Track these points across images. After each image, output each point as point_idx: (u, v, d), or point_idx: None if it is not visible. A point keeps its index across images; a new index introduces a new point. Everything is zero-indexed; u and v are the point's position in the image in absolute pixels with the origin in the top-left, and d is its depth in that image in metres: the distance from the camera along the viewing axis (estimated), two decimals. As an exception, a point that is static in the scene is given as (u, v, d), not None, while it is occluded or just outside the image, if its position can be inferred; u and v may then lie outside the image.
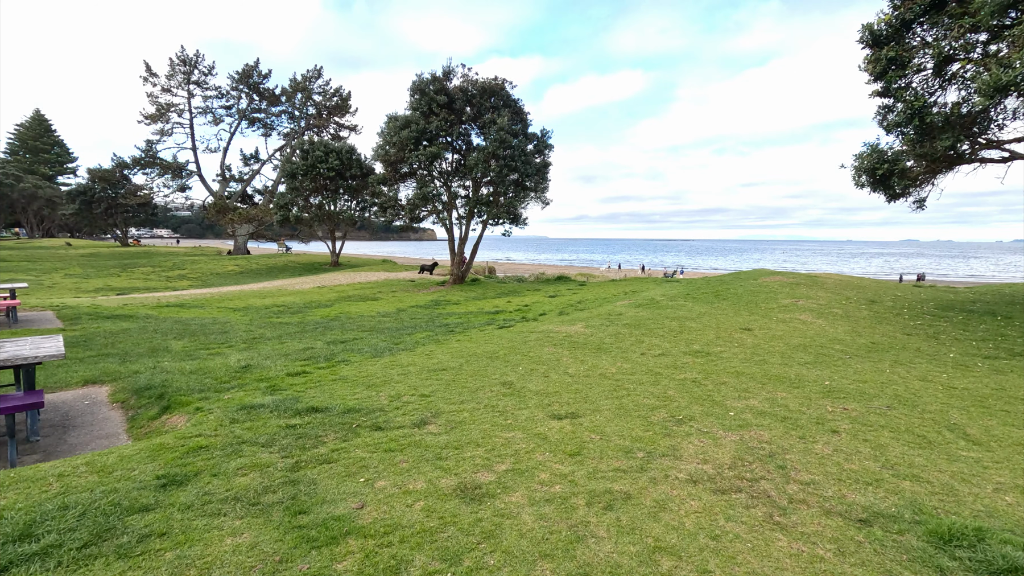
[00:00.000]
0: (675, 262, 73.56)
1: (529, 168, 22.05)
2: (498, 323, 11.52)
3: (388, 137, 20.88)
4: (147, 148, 45.01)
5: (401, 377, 6.26)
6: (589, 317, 10.40)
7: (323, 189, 34.42)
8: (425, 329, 11.27)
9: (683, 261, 76.86)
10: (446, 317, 13.70)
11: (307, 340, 10.21)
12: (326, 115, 51.05)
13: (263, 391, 5.77)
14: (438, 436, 4.27)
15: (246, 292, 20.58)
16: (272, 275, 31.99)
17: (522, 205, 23.26)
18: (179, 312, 14.43)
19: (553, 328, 9.36)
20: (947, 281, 40.22)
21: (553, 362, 6.86)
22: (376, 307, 16.54)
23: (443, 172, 22.79)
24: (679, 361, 6.87)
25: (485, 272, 31.02)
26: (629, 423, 4.54)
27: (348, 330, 11.57)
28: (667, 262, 73.54)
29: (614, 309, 11.29)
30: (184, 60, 44.58)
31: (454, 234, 23.55)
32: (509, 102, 22.06)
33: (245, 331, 11.43)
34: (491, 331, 10.15)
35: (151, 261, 33.53)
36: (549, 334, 8.78)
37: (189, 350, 9.30)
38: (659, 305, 11.30)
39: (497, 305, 16.63)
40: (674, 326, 9.09)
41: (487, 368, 6.62)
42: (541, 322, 10.75)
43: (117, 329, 11.14)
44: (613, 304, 12.71)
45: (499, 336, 9.15)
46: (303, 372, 6.82)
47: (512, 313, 13.98)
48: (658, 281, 24.36)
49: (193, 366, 7.41)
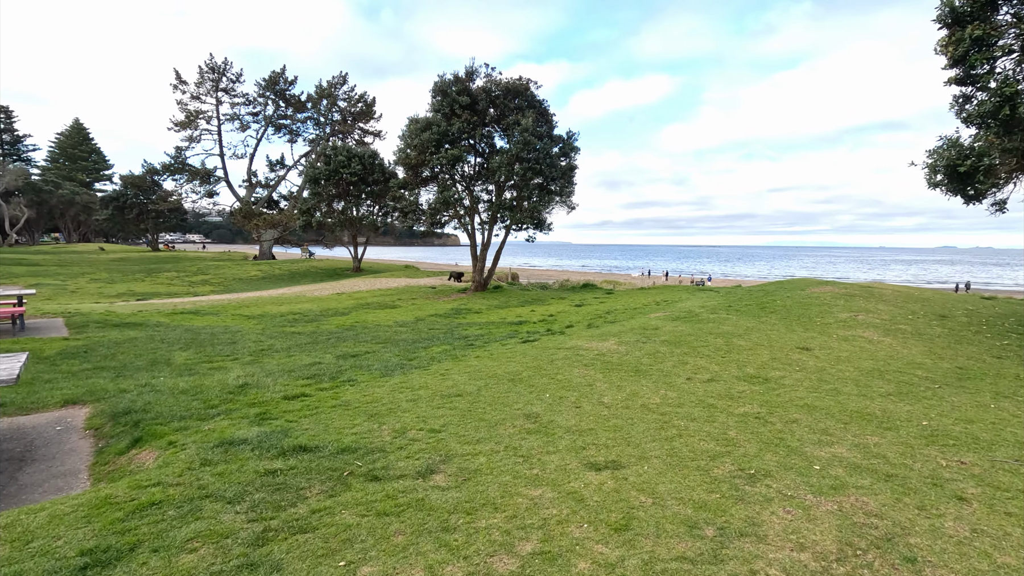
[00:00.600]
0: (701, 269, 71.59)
1: (554, 171, 21.18)
2: (521, 336, 10.65)
3: (409, 140, 20.29)
4: (176, 154, 45.77)
5: (410, 404, 5.44)
6: (622, 331, 9.44)
7: (346, 194, 34.21)
8: (443, 342, 10.47)
9: (709, 268, 74.77)
10: (466, 328, 12.89)
11: (316, 353, 9.52)
12: (351, 121, 51.23)
13: (251, 420, 5.01)
14: (446, 492, 3.41)
15: (264, 298, 20.19)
16: (294, 281, 31.81)
17: (547, 210, 22.37)
18: (192, 320, 13.98)
19: (582, 344, 8.43)
20: (993, 290, 37.65)
21: (585, 388, 5.94)
22: (394, 315, 15.86)
23: (465, 176, 22.10)
24: (733, 389, 5.87)
25: (508, 279, 30.21)
26: (687, 479, 3.60)
27: (361, 342, 10.86)
28: (693, 269, 71.62)
29: (649, 322, 10.30)
30: (213, 68, 45.26)
31: (476, 240, 22.81)
32: (534, 103, 21.26)
33: (255, 342, 10.83)
34: (514, 346, 9.28)
35: (176, 266, 33.79)
36: (578, 351, 7.86)
37: (191, 363, 8.70)
38: (699, 318, 10.25)
39: (520, 315, 15.76)
40: (720, 344, 8.06)
41: (509, 394, 5.74)
42: (568, 336, 9.83)
43: (123, 338, 10.65)
44: (646, 316, 11.70)
45: (522, 352, 8.27)
46: (302, 395, 6.06)
47: (536, 324, 13.09)
48: (690, 290, 23.15)
49: (188, 383, 6.75)
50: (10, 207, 56.98)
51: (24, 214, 58.34)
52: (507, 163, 19.85)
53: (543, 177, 21.19)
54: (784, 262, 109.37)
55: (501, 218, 22.90)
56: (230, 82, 46.61)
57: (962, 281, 44.67)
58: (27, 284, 23.64)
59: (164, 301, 19.67)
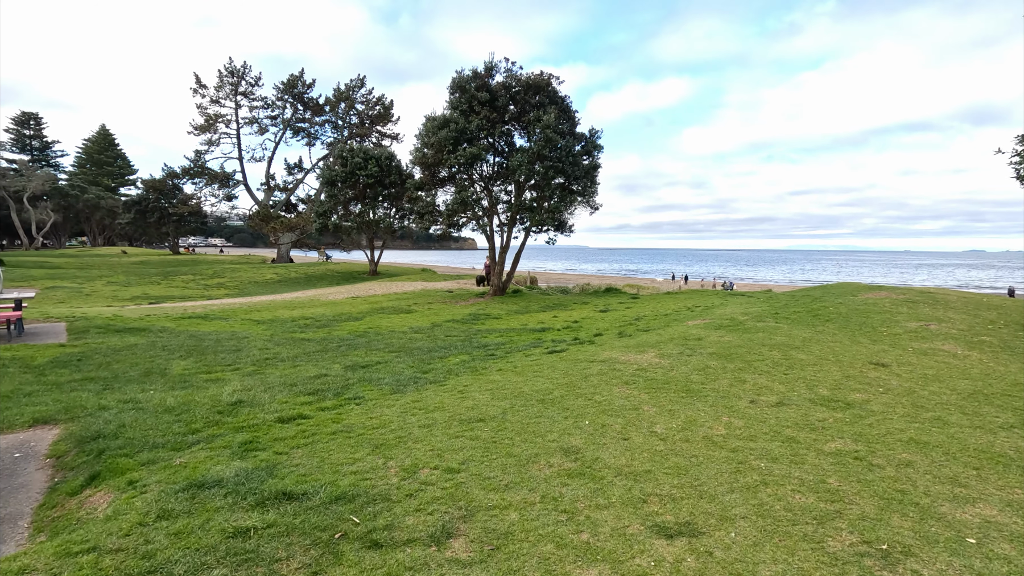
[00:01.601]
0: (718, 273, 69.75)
1: (577, 170, 20.26)
2: (546, 345, 9.73)
3: (425, 138, 19.58)
4: (196, 158, 46.00)
5: (423, 432, 4.57)
6: (660, 341, 8.46)
7: (362, 197, 33.73)
8: (460, 351, 9.62)
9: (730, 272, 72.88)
10: (485, 335, 12.03)
11: (324, 363, 8.74)
12: (368, 124, 51.00)
13: (233, 452, 4.19)
14: (469, 570, 2.52)
15: (277, 302, 19.63)
16: (310, 284, 31.39)
17: (568, 210, 21.44)
18: (200, 325, 13.38)
19: (618, 356, 7.49)
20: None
21: (630, 412, 5.00)
22: (409, 321, 15.08)
23: (483, 176, 21.30)
24: (811, 416, 4.87)
25: (527, 282, 29.33)
26: (795, 555, 2.65)
27: (373, 350, 10.07)
28: (711, 272, 69.80)
29: (688, 331, 9.30)
30: (232, 71, 45.42)
31: (495, 242, 21.98)
32: (555, 99, 20.39)
33: (260, 350, 10.11)
34: (539, 356, 8.38)
35: (193, 269, 33.66)
36: (614, 365, 6.92)
37: (188, 374, 7.98)
38: (744, 327, 9.21)
39: (542, 321, 14.84)
40: (778, 358, 7.04)
41: (540, 419, 4.84)
42: (600, 346, 8.88)
43: (122, 345, 10.03)
44: (683, 324, 10.69)
45: (550, 365, 7.36)
46: (300, 416, 5.24)
47: (561, 332, 12.16)
48: (720, 295, 21.96)
49: (177, 399, 6.00)
50: (37, 211, 58.08)
51: (51, 218, 59.44)
52: (527, 161, 18.98)
53: (565, 176, 20.28)
54: (807, 266, 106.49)
55: (520, 220, 22.04)
56: (249, 86, 46.74)
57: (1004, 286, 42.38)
58: (44, 287, 23.54)
59: (176, 305, 19.24)
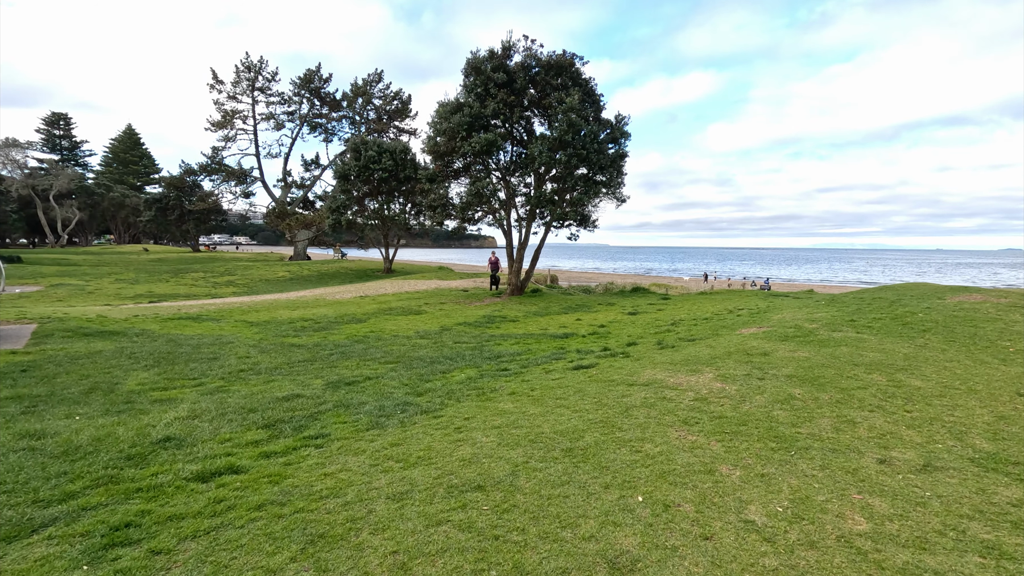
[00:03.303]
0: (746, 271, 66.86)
1: (602, 159, 18.54)
2: (570, 357, 8.12)
3: (438, 125, 18.10)
4: (213, 155, 45.53)
5: (390, 508, 3.02)
6: (714, 357, 6.77)
7: (376, 193, 32.52)
8: (468, 363, 8.08)
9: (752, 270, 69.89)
10: (499, 342, 10.47)
11: (305, 377, 7.31)
12: (386, 119, 49.93)
13: (89, 549, 2.70)
14: None
15: (280, 302, 18.42)
16: (322, 282, 30.31)
17: (593, 204, 19.74)
18: (187, 327, 12.15)
19: (664, 377, 5.84)
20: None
21: (702, 478, 3.37)
22: (416, 324, 13.63)
23: (500, 166, 19.74)
24: (993, 493, 3.17)
25: (547, 281, 27.70)
26: None
27: (368, 360, 8.61)
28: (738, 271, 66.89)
29: (746, 343, 7.57)
30: (248, 66, 44.78)
31: (512, 238, 20.41)
32: (579, 81, 18.69)
33: (239, 358, 8.75)
34: (562, 374, 6.78)
35: (206, 267, 32.94)
36: (662, 391, 5.29)
37: (140, 390, 6.62)
38: (818, 338, 7.45)
39: (564, 324, 13.22)
40: (884, 385, 5.30)
41: (568, 488, 3.25)
42: (637, 360, 7.23)
43: (85, 352, 8.78)
44: (734, 332, 8.95)
45: (577, 388, 5.76)
46: (230, 469, 3.76)
47: (587, 339, 10.52)
48: (758, 295, 19.98)
49: (94, 433, 4.61)
50: (63, 209, 58.74)
51: (76, 216, 60.07)
52: (548, 149, 17.35)
53: (588, 166, 18.59)
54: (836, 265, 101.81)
55: (540, 214, 20.42)
56: (266, 81, 46.06)
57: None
58: (50, 284, 22.88)
59: (177, 303, 18.20)
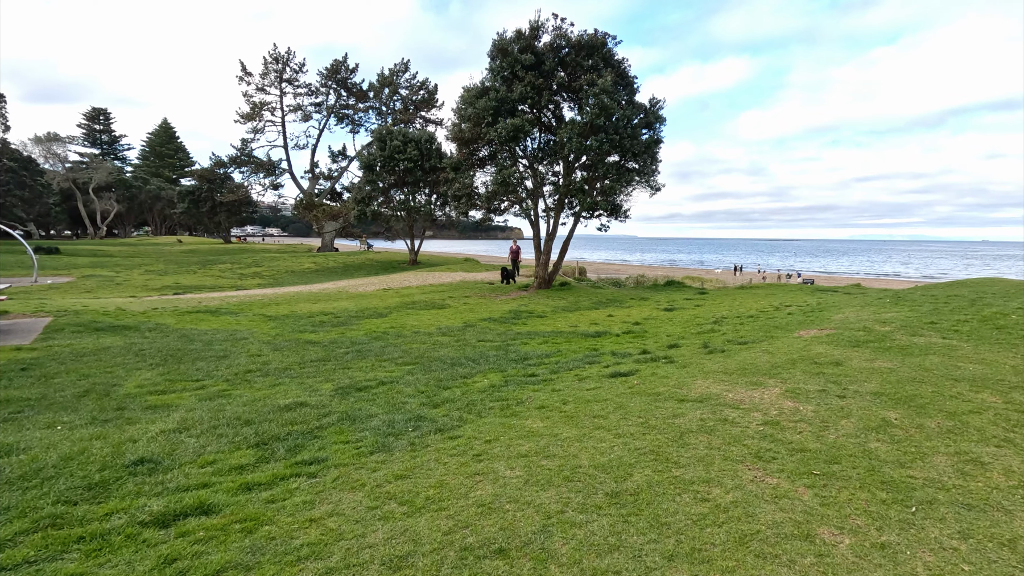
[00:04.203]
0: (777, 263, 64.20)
1: (636, 144, 17.47)
2: (605, 361, 7.30)
3: (462, 111, 17.33)
4: (242, 146, 45.94)
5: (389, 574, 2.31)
6: (776, 366, 5.84)
7: (402, 183, 32.05)
8: (492, 365, 7.35)
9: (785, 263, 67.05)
10: (526, 340, 9.71)
11: (314, 381, 6.71)
12: (412, 109, 49.47)
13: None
14: None
15: (303, 294, 18.08)
16: (347, 274, 30.11)
17: (625, 192, 18.71)
18: (203, 321, 11.80)
19: (720, 391, 4.98)
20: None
21: (800, 546, 2.53)
22: (440, 319, 12.99)
23: (528, 154, 18.86)
24: None
25: (575, 274, 26.77)
26: None
27: (384, 360, 7.98)
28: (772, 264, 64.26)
29: (809, 348, 6.60)
30: (276, 57, 44.87)
31: (540, 229, 19.56)
32: (612, 62, 17.62)
33: (250, 356, 8.25)
34: (598, 382, 5.98)
35: (234, 259, 33.17)
36: (721, 410, 4.43)
37: (137, 394, 6.13)
38: (895, 344, 6.42)
39: (595, 321, 12.36)
40: (1000, 407, 4.31)
41: (617, 556, 2.46)
42: (683, 367, 6.36)
43: (92, 349, 8.41)
44: (790, 334, 7.95)
45: (617, 402, 4.95)
46: (199, 509, 3.11)
47: (621, 338, 9.65)
48: (806, 290, 18.66)
49: (65, 450, 4.06)
50: (102, 202, 60.56)
51: (114, 208, 61.89)
52: (578, 134, 16.39)
53: (621, 152, 17.55)
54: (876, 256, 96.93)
55: (569, 203, 19.50)
56: (293, 72, 46.12)
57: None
58: (82, 275, 23.21)
59: (200, 296, 18.06)
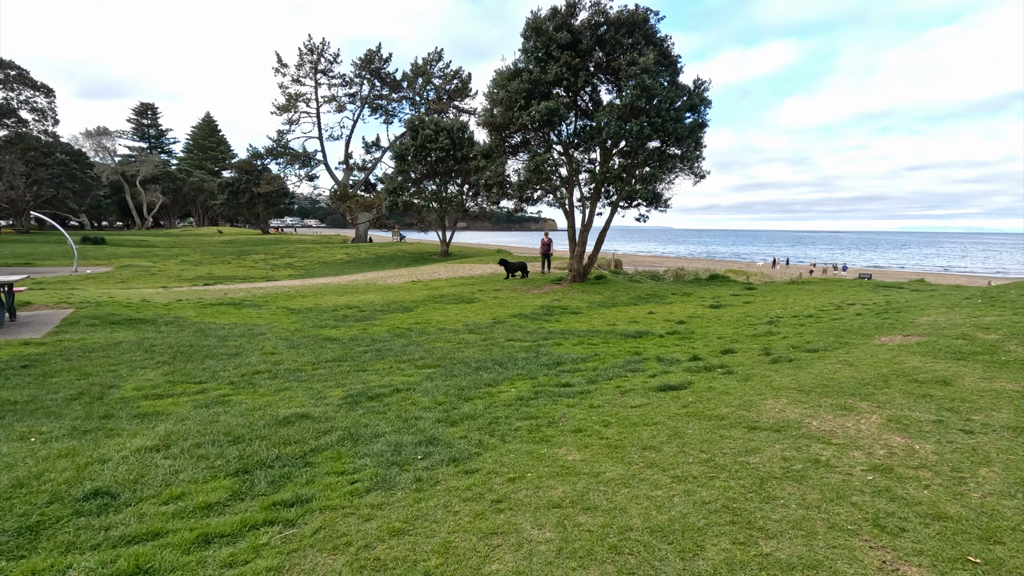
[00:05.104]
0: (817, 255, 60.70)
1: (679, 128, 16.22)
2: (650, 369, 6.37)
3: (494, 95, 16.46)
4: (278, 138, 46.43)
5: None
6: (863, 382, 4.80)
7: (433, 173, 31.49)
8: (520, 371, 6.54)
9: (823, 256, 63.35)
10: (559, 341, 8.85)
11: (323, 385, 6.06)
12: (446, 99, 48.88)
13: None
14: None
15: (331, 286, 17.72)
16: (378, 265, 29.85)
17: (667, 180, 17.49)
18: (223, 315, 11.44)
19: (800, 416, 4.01)
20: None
21: None
22: (467, 314, 12.27)
23: (562, 139, 17.86)
24: None
25: (610, 266, 25.63)
26: None
27: (403, 362, 7.29)
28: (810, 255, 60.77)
29: (898, 359, 5.50)
30: (311, 49, 44.99)
31: (574, 219, 18.57)
32: (653, 40, 16.37)
33: (262, 355, 7.71)
34: (645, 397, 5.08)
35: (267, 249, 33.46)
36: (807, 445, 3.48)
37: (133, 398, 5.62)
38: (1011, 356, 5.25)
39: (635, 319, 11.38)
40: None
41: None
42: (745, 380, 5.38)
43: (104, 343, 8.06)
44: (870, 341, 6.81)
45: (671, 427, 4.06)
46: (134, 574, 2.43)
47: (666, 340, 8.65)
48: (866, 286, 17.06)
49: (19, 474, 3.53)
50: (148, 194, 62.75)
51: (159, 200, 64.05)
52: (617, 117, 15.28)
53: (662, 137, 16.33)
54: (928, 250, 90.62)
55: (606, 192, 18.42)
56: (328, 63, 46.18)
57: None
58: (121, 264, 23.66)
59: (228, 286, 17.94)
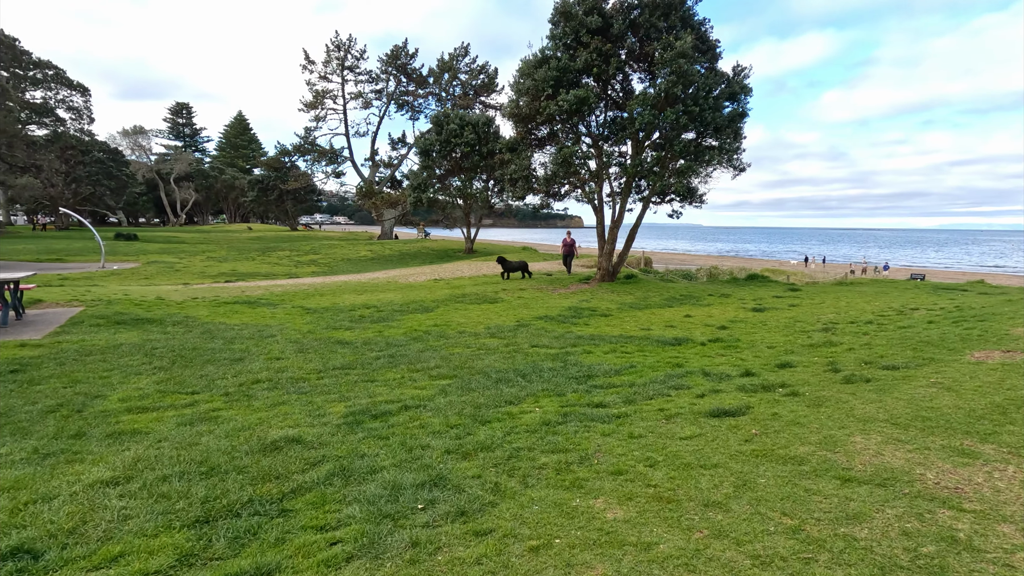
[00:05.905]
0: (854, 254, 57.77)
1: (718, 118, 15.13)
2: (697, 387, 5.50)
3: (520, 84, 15.65)
4: (305, 135, 46.64)
5: None
6: (976, 415, 3.85)
7: (458, 169, 30.90)
8: (546, 385, 5.75)
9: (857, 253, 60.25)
10: (589, 348, 8.02)
11: (320, 401, 5.39)
12: (472, 94, 48.29)
13: None
14: None
15: (350, 284, 17.26)
16: (402, 262, 29.46)
17: (704, 173, 16.40)
18: (235, 314, 10.99)
19: (905, 464, 3.12)
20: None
21: None
22: (490, 315, 11.53)
23: (591, 131, 16.93)
24: None
25: (640, 265, 24.57)
26: None
27: (417, 371, 6.59)
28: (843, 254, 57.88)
29: (1009, 382, 4.50)
30: (338, 45, 44.99)
31: (604, 215, 17.63)
32: (691, 23, 15.31)
33: (267, 361, 7.13)
34: (694, 421, 4.23)
35: (292, 246, 33.48)
36: (931, 512, 2.59)
37: (117, 409, 5.06)
38: None
39: (672, 323, 10.44)
40: None
41: None
42: (816, 405, 4.47)
43: (103, 345, 7.62)
44: (961, 357, 5.78)
45: (735, 471, 3.22)
46: None
47: (710, 350, 7.72)
48: (922, 288, 15.64)
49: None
50: (181, 191, 64.21)
51: (192, 197, 65.49)
52: (652, 105, 14.28)
53: (699, 127, 15.25)
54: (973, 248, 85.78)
55: (638, 186, 17.43)
56: (355, 59, 46.13)
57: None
58: (148, 260, 23.82)
59: (247, 284, 17.67)
